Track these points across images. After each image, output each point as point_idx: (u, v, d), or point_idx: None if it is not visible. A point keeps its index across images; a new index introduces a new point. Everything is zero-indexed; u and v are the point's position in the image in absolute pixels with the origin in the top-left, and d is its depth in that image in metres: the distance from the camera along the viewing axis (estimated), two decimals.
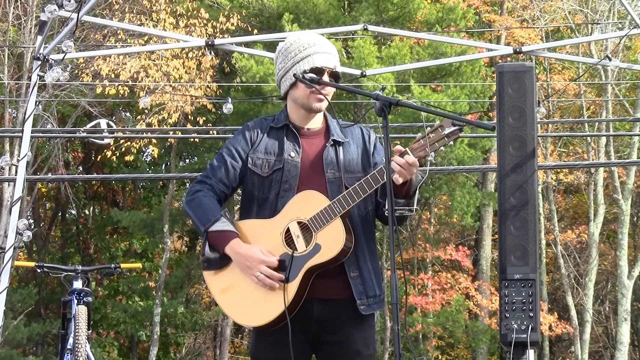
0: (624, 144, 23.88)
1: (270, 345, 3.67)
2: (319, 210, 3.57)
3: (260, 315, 3.61)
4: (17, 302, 20.81)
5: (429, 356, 21.76)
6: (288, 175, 3.67)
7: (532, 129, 4.94)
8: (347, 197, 3.56)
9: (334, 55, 3.75)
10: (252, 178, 3.72)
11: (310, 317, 3.63)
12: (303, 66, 3.68)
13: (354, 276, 3.65)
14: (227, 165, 3.73)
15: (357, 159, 3.75)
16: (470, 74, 18.72)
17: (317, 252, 3.57)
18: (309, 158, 3.71)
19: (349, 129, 3.82)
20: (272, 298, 3.59)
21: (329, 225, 3.56)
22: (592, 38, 20.92)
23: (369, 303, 3.67)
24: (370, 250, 3.74)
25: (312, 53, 3.70)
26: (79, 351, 5.97)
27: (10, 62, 19.76)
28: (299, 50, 3.72)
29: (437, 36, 15.58)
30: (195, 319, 23.46)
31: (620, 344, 21.20)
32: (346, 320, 3.67)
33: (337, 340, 3.68)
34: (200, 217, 3.67)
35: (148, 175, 21.28)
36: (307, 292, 3.59)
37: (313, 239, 3.58)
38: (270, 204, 3.67)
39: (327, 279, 3.61)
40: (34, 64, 6.22)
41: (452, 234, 25.32)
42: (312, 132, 3.77)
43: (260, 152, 3.72)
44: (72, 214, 26.36)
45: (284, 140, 3.73)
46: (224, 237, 3.63)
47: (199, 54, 18.63)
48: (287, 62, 3.74)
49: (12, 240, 5.82)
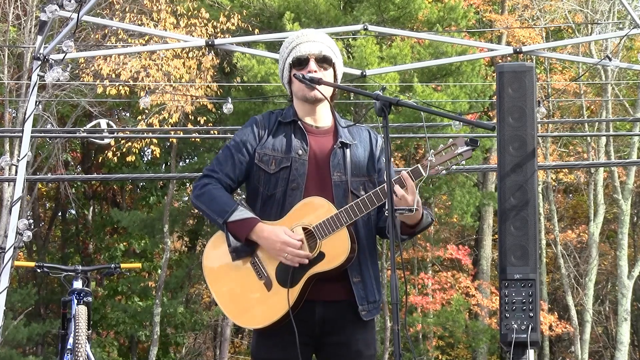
0: (624, 144, 23.88)
1: (272, 346, 3.67)
2: (326, 218, 3.56)
3: (261, 317, 3.61)
4: (17, 302, 20.81)
5: (429, 356, 21.75)
6: (296, 173, 3.65)
7: (532, 129, 4.93)
8: (355, 208, 3.55)
9: (319, 42, 3.74)
10: (258, 174, 3.70)
11: (312, 319, 3.63)
12: (289, 60, 3.72)
13: (356, 282, 3.65)
14: (234, 159, 3.70)
15: (363, 162, 3.74)
16: (470, 73, 18.72)
17: (321, 260, 3.56)
18: (317, 157, 3.70)
19: (356, 131, 3.81)
20: (273, 301, 3.58)
21: (335, 234, 3.55)
22: (592, 38, 20.91)
23: (369, 309, 3.68)
24: (372, 255, 3.74)
25: (296, 45, 3.73)
26: (79, 351, 5.96)
27: (10, 62, 19.76)
28: (286, 46, 3.77)
29: (438, 36, 15.58)
30: (195, 319, 23.45)
31: (620, 344, 21.20)
32: (348, 321, 3.67)
33: (339, 341, 3.68)
34: (216, 210, 3.63)
35: (148, 175, 21.25)
36: (310, 294, 3.59)
37: (317, 246, 3.57)
38: (277, 201, 3.66)
39: (329, 282, 3.60)
40: (34, 64, 6.22)
41: (452, 233, 25.33)
42: (320, 131, 3.76)
43: (267, 148, 3.70)
44: (71, 214, 26.36)
45: (292, 137, 3.71)
46: (246, 225, 3.59)
47: (199, 53, 18.63)
48: (281, 62, 3.79)
49: (12, 240, 5.82)
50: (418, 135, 13.84)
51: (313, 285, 3.58)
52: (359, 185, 3.67)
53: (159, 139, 19.62)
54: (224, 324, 22.60)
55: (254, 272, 3.64)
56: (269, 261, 3.62)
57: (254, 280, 3.63)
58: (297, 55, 3.70)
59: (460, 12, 19.19)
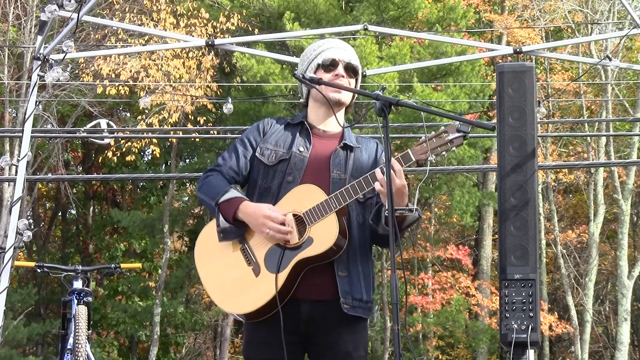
0: (624, 144, 23.87)
1: (261, 345, 3.67)
2: (316, 204, 3.58)
3: (249, 302, 3.61)
4: (17, 302, 20.81)
5: (429, 356, 21.75)
6: (293, 167, 3.69)
7: (532, 129, 4.93)
8: (345, 194, 3.57)
9: (348, 51, 3.85)
10: (258, 167, 3.75)
11: (298, 318, 3.63)
12: (317, 61, 3.78)
13: (341, 275, 3.64)
14: (239, 154, 3.77)
15: (365, 166, 3.76)
16: (470, 73, 18.72)
17: (309, 245, 3.57)
18: (318, 156, 3.73)
19: (363, 141, 3.85)
20: (261, 286, 3.58)
21: (323, 219, 3.57)
22: (592, 38, 20.91)
23: (353, 304, 3.64)
24: (363, 255, 3.73)
25: (325, 49, 3.81)
26: (79, 351, 5.96)
27: (10, 62, 19.76)
28: (313, 50, 3.83)
29: (438, 36, 15.58)
30: (195, 319, 23.45)
31: (620, 344, 21.20)
32: (335, 321, 3.66)
33: (327, 341, 3.67)
34: (210, 195, 3.69)
35: (148, 175, 21.25)
36: (296, 292, 3.59)
37: (306, 232, 3.59)
38: (272, 194, 3.69)
39: (315, 277, 3.60)
40: (34, 64, 6.22)
41: (452, 233, 25.34)
42: (327, 135, 3.80)
43: (270, 144, 3.76)
44: (72, 213, 26.37)
45: (297, 135, 3.77)
46: (232, 204, 3.64)
47: (199, 53, 18.63)
48: (304, 64, 3.83)
49: (12, 240, 5.82)
50: (418, 135, 13.82)
51: (300, 281, 3.58)
52: None
53: (159, 139, 19.62)
54: (224, 324, 22.59)
55: (244, 258, 3.65)
56: (258, 248, 3.64)
57: (243, 267, 3.64)
58: (327, 57, 3.76)
59: (460, 12, 19.20)
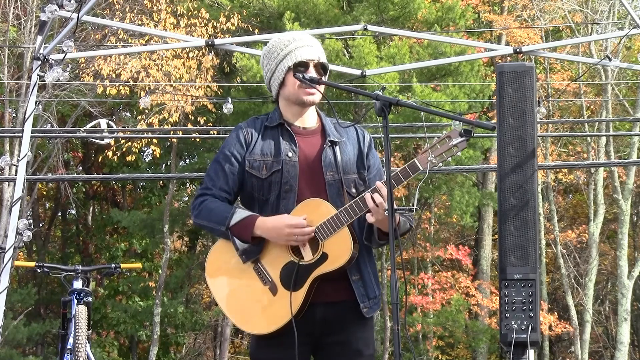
0: (624, 144, 23.88)
1: (270, 346, 3.66)
2: (326, 219, 3.56)
3: (265, 323, 3.60)
4: (17, 302, 20.82)
5: (429, 356, 21.75)
6: (287, 176, 3.64)
7: (532, 129, 4.93)
8: (355, 207, 3.55)
9: (316, 47, 3.75)
10: (250, 180, 3.68)
11: (313, 320, 3.63)
12: (287, 63, 3.69)
13: (355, 279, 3.64)
14: (225, 172, 3.69)
15: (353, 159, 3.73)
16: (469, 73, 18.72)
17: (324, 261, 3.55)
18: (307, 157, 3.69)
19: (344, 131, 3.79)
20: (277, 305, 3.57)
21: (336, 234, 3.55)
22: (592, 38, 20.90)
23: (370, 305, 3.67)
24: (368, 252, 3.74)
25: (294, 49, 3.71)
26: (79, 351, 5.96)
27: (10, 62, 19.76)
28: (280, 49, 3.73)
29: (438, 36, 15.58)
30: (195, 319, 23.45)
31: (620, 344, 21.20)
32: (349, 321, 3.67)
33: (339, 340, 3.67)
34: (216, 220, 3.63)
35: (148, 175, 21.27)
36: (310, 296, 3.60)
37: (320, 247, 3.56)
38: (271, 205, 3.65)
39: (329, 282, 3.60)
40: (34, 64, 6.22)
41: (451, 233, 25.34)
42: (308, 131, 3.75)
43: (256, 154, 3.68)
44: (72, 214, 26.37)
45: (280, 140, 3.70)
46: (248, 223, 3.59)
47: (199, 53, 18.63)
48: (272, 63, 3.74)
49: (12, 240, 5.81)
50: (418, 135, 13.83)
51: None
52: (350, 183, 3.67)
53: (159, 139, 19.62)
54: (224, 324, 22.60)
55: (258, 278, 3.63)
56: (272, 266, 3.61)
57: (259, 286, 3.62)
58: (299, 59, 3.68)
59: (458, 11, 19.19)
